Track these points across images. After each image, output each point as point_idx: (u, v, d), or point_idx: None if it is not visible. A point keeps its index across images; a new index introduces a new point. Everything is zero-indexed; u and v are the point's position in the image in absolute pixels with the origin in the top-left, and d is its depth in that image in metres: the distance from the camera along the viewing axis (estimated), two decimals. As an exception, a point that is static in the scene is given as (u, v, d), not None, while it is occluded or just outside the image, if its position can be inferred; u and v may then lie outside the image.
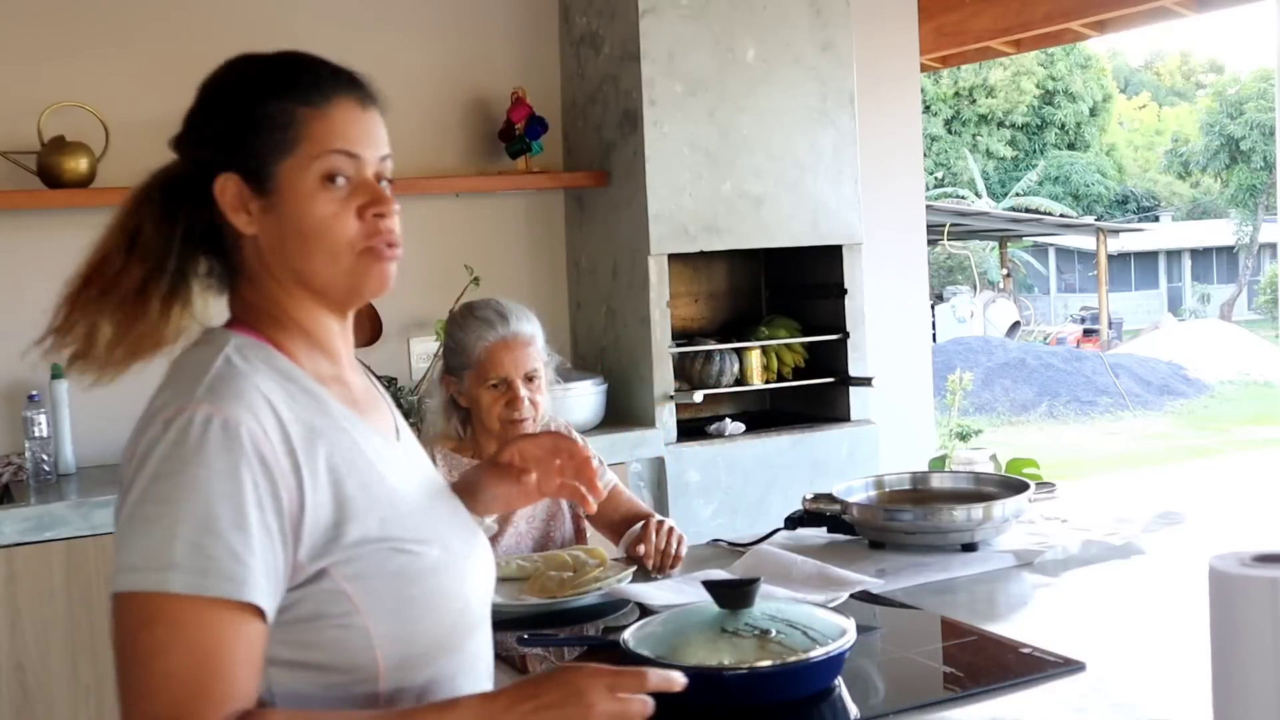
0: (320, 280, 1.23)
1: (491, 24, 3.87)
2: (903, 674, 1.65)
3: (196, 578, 1.07)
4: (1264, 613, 1.14)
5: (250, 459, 1.11)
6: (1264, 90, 23.25)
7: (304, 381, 1.22)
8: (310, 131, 1.22)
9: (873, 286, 3.94)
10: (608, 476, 2.47)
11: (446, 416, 2.40)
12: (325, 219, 1.22)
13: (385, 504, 1.20)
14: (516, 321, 2.34)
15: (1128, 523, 2.36)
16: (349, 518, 1.16)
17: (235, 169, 1.21)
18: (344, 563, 1.15)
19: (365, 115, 1.29)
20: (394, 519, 1.20)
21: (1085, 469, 9.54)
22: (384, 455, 1.25)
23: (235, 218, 1.21)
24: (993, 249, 22.17)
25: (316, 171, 1.21)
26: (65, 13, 3.38)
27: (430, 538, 1.22)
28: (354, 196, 1.24)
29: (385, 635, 1.16)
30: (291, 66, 1.25)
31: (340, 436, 1.20)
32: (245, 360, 1.19)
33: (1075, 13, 5.14)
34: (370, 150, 1.27)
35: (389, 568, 1.17)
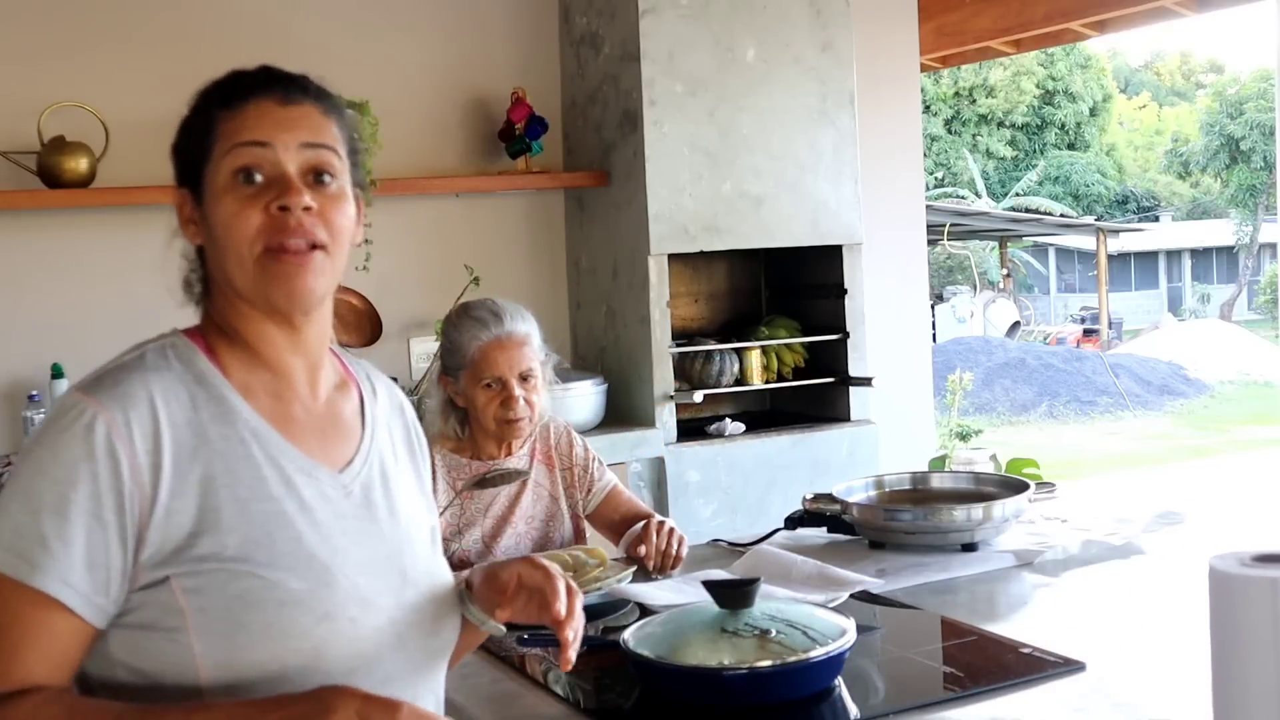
0: (238, 287, 1.21)
1: (491, 24, 3.87)
2: (903, 674, 1.65)
3: (6, 555, 1.09)
4: (1264, 613, 1.14)
5: (97, 453, 1.11)
6: (1264, 90, 23.24)
7: (220, 389, 1.20)
8: (223, 131, 1.20)
9: (873, 286, 3.94)
10: (607, 477, 2.47)
11: (444, 417, 2.40)
12: (228, 217, 1.18)
13: (258, 525, 1.15)
14: (511, 321, 2.34)
15: (1128, 523, 2.36)
16: (207, 530, 1.13)
17: (185, 184, 1.24)
18: (187, 575, 1.12)
19: (286, 109, 1.22)
20: (262, 541, 1.15)
21: (1085, 469, 9.54)
22: (293, 479, 1.20)
23: (185, 230, 1.24)
24: (993, 249, 22.17)
25: (226, 168, 1.19)
26: (65, 13, 3.38)
27: (303, 570, 1.16)
28: (263, 194, 1.19)
29: (210, 658, 1.12)
30: (221, 78, 1.25)
31: (234, 448, 1.17)
32: (161, 359, 1.19)
33: (1075, 13, 5.14)
34: (288, 138, 1.20)
35: (231, 589, 1.12)
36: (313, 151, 1.22)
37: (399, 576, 1.25)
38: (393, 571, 1.24)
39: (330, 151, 1.23)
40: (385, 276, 3.64)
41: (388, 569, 1.24)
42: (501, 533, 2.36)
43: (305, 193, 1.19)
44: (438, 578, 1.32)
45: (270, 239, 1.18)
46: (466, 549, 2.34)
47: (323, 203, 1.21)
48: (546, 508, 2.42)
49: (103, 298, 3.28)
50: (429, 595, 1.28)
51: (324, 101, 1.28)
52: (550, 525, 2.42)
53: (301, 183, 1.20)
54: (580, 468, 2.44)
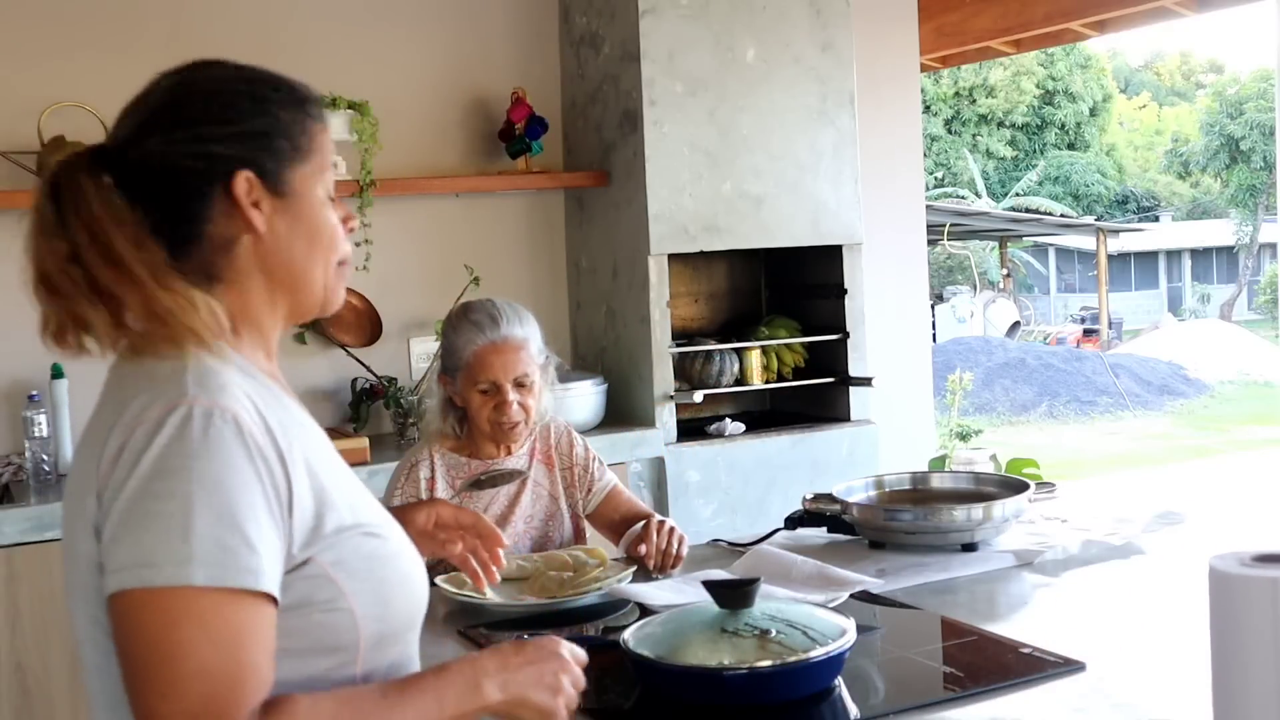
0: (311, 284, 1.28)
1: (491, 24, 3.87)
2: (903, 674, 1.65)
3: (218, 570, 1.07)
4: (1264, 613, 1.14)
5: (253, 450, 1.12)
6: (1264, 90, 23.25)
7: (261, 378, 1.23)
8: (320, 144, 1.29)
9: (873, 286, 3.94)
10: (607, 477, 2.47)
11: (443, 415, 2.41)
12: (333, 226, 1.29)
13: (350, 492, 1.24)
14: (507, 325, 2.34)
15: (1128, 523, 2.36)
16: (327, 507, 1.18)
17: (253, 168, 1.23)
18: (326, 549, 1.17)
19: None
20: (359, 506, 1.23)
21: (1085, 469, 9.54)
22: (330, 450, 1.28)
23: (253, 214, 1.23)
24: (993, 249, 22.18)
25: (326, 183, 1.29)
26: (65, 13, 3.38)
27: (388, 525, 1.27)
28: (336, 209, 1.31)
29: (368, 616, 1.19)
30: (298, 83, 1.31)
31: (301, 430, 1.22)
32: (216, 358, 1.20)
33: (1075, 13, 5.14)
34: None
35: (364, 552, 1.20)
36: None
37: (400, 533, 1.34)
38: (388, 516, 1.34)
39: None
40: (385, 276, 3.64)
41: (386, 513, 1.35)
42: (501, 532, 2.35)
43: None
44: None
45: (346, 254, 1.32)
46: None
47: None
48: (546, 507, 2.42)
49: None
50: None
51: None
52: (550, 525, 2.42)
53: None
54: (580, 467, 2.44)
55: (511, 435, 2.36)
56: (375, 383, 3.56)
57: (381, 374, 3.58)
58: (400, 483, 2.37)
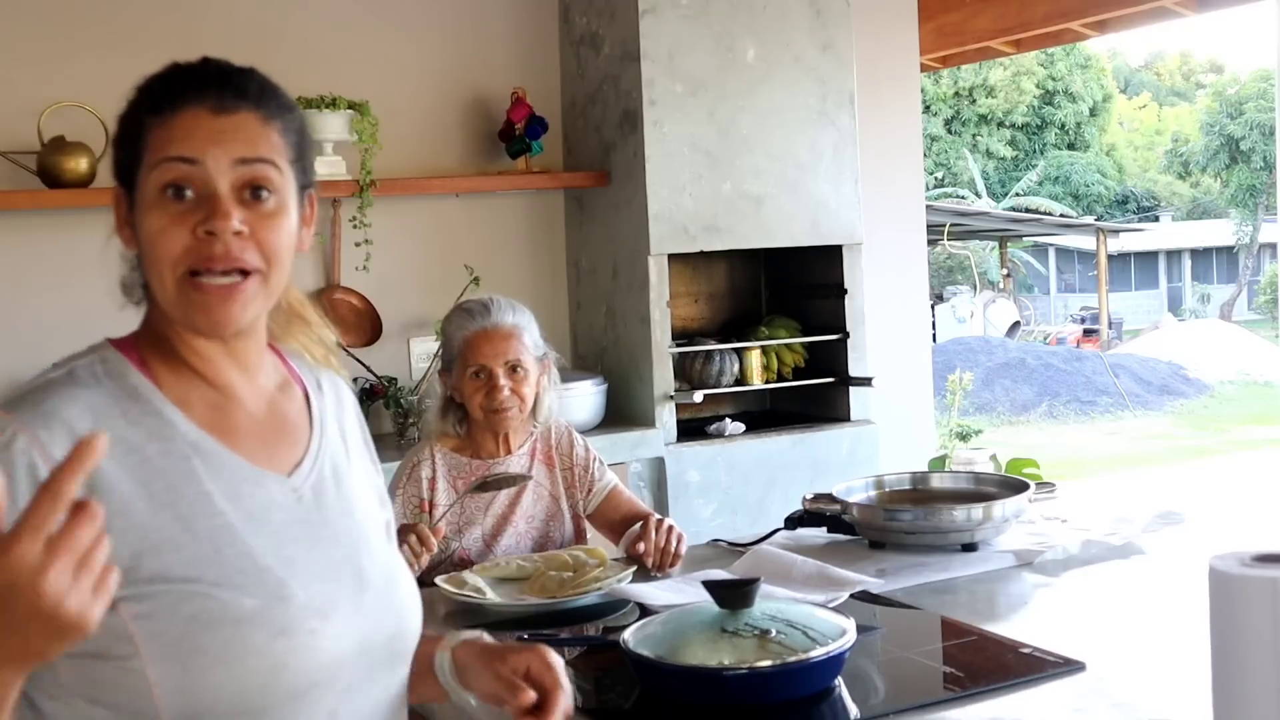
0: (163, 304, 1.17)
1: (491, 24, 3.87)
2: (903, 674, 1.65)
3: None
4: (1264, 613, 1.14)
5: (17, 474, 1.04)
6: (1264, 90, 23.25)
7: (154, 403, 1.15)
8: (152, 140, 1.14)
9: (873, 286, 3.94)
10: (608, 477, 2.47)
11: (444, 414, 2.41)
12: (153, 234, 1.13)
13: (205, 541, 1.11)
14: (498, 313, 2.36)
15: (1128, 523, 2.36)
16: (151, 550, 1.08)
17: (121, 182, 1.18)
18: (134, 599, 1.06)
19: (219, 119, 1.15)
20: (210, 559, 1.10)
21: (1085, 469, 9.54)
22: (238, 489, 1.15)
23: (120, 233, 1.19)
24: (993, 249, 22.17)
25: (154, 183, 1.13)
26: (65, 13, 3.38)
27: (255, 586, 1.11)
28: (192, 213, 1.13)
29: (166, 685, 1.06)
30: (153, 77, 1.18)
31: (174, 464, 1.12)
32: (91, 374, 1.15)
33: (1075, 13, 5.14)
34: (220, 154, 1.14)
35: (183, 611, 1.07)
36: (247, 168, 1.15)
37: (356, 580, 1.20)
38: (349, 575, 1.20)
39: (267, 165, 1.16)
40: (385, 276, 3.64)
41: (343, 572, 1.19)
42: (502, 532, 2.36)
43: (235, 215, 1.13)
44: (395, 575, 1.28)
45: (195, 263, 1.13)
46: (466, 548, 2.34)
47: (256, 223, 1.15)
48: (547, 508, 2.42)
49: (103, 298, 3.27)
50: (387, 595, 1.24)
51: (264, 105, 1.18)
52: (550, 525, 2.42)
53: (235, 200, 1.14)
54: (581, 468, 2.44)
55: (504, 423, 2.36)
56: (375, 383, 3.56)
57: (381, 374, 3.58)
58: (402, 483, 2.37)
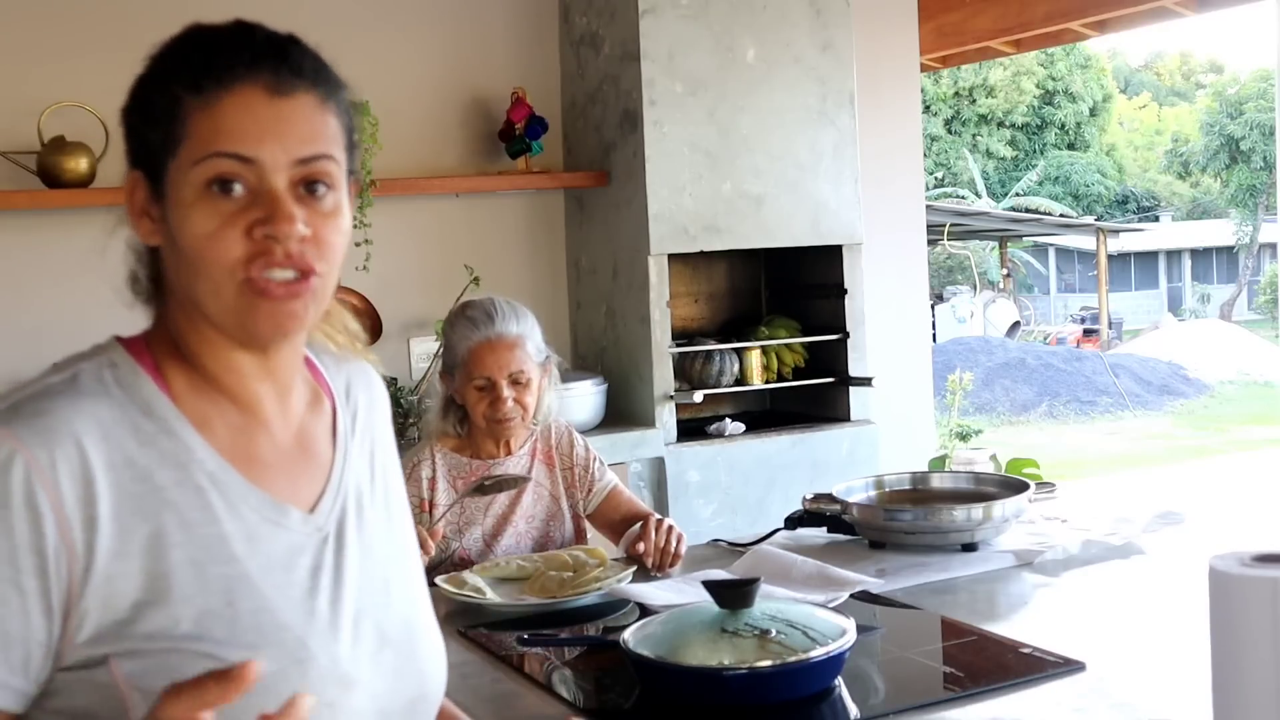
0: (209, 312, 1.00)
1: (491, 24, 3.87)
2: (903, 674, 1.65)
3: None
4: (1264, 613, 1.14)
5: (14, 502, 0.91)
6: (1264, 90, 23.25)
7: (170, 422, 1.00)
8: (194, 128, 0.98)
9: (873, 286, 3.94)
10: (608, 477, 2.47)
11: (444, 414, 2.41)
12: (201, 238, 0.97)
13: (217, 593, 0.96)
14: (503, 322, 2.34)
15: (1128, 523, 2.36)
16: (156, 601, 0.94)
17: (140, 166, 1.02)
18: (129, 655, 0.93)
19: (276, 104, 0.99)
20: (221, 614, 0.96)
21: (1085, 469, 9.54)
22: (256, 531, 1.00)
23: (138, 224, 1.03)
24: (993, 249, 22.17)
25: (198, 178, 0.97)
26: (65, 13, 3.38)
27: (271, 647, 0.97)
28: (247, 211, 0.98)
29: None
30: (186, 43, 1.03)
31: (188, 497, 0.98)
32: (98, 382, 1.00)
33: (1075, 13, 5.14)
34: (278, 150, 0.98)
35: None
36: (307, 167, 1.00)
37: (377, 638, 1.06)
38: (369, 632, 1.06)
39: (328, 161, 1.01)
40: (385, 276, 3.64)
41: (365, 631, 1.05)
42: (502, 532, 2.36)
43: (299, 217, 0.98)
44: (416, 625, 1.13)
45: (256, 270, 0.98)
46: (467, 548, 2.34)
47: (317, 223, 1.00)
48: (547, 507, 2.42)
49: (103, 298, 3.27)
50: (408, 652, 1.10)
51: (322, 83, 1.03)
52: (551, 525, 2.42)
53: (293, 196, 0.99)
54: (581, 467, 2.44)
55: (506, 431, 2.36)
56: (375, 383, 3.55)
57: (381, 374, 3.58)
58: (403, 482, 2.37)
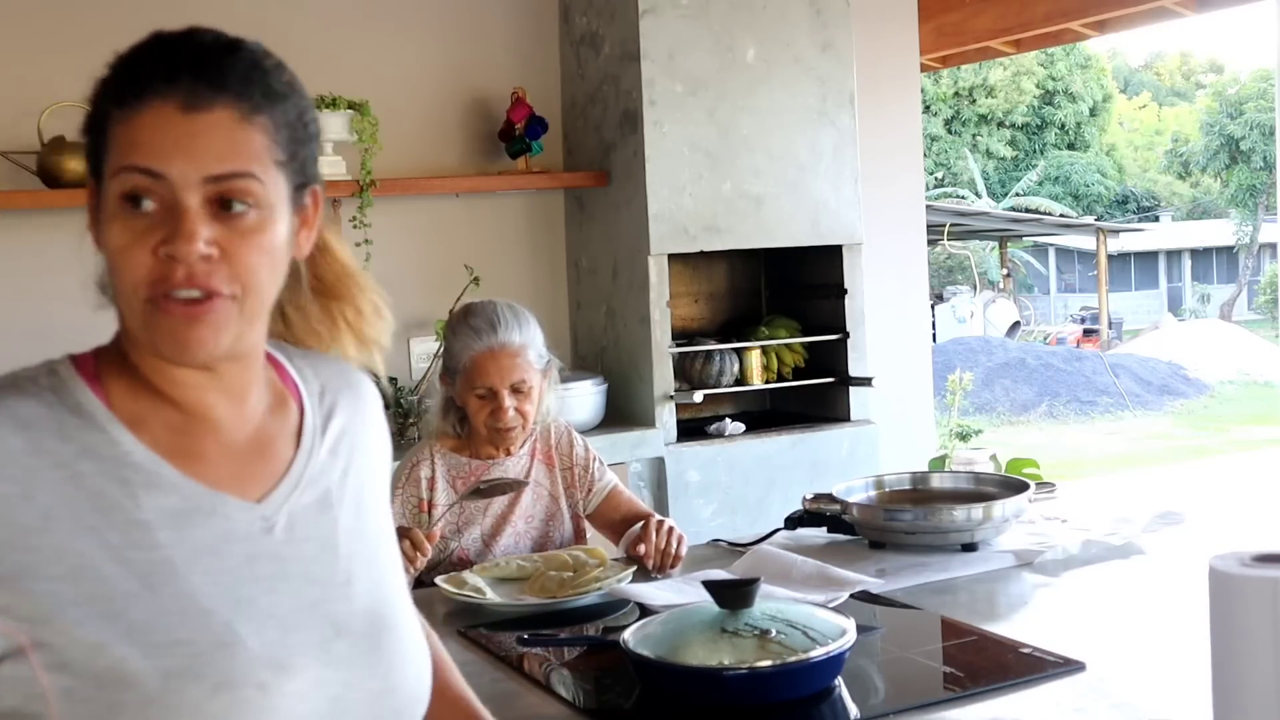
0: (128, 326, 1.01)
1: (491, 24, 3.87)
2: (903, 674, 1.65)
3: None
4: (1264, 613, 1.14)
5: None
6: (1264, 90, 23.25)
7: (97, 418, 0.99)
8: (114, 139, 0.98)
9: (873, 286, 3.94)
10: (608, 477, 2.47)
11: (444, 414, 2.41)
12: (115, 252, 0.97)
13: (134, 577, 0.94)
14: (505, 331, 2.34)
15: (1128, 523, 2.36)
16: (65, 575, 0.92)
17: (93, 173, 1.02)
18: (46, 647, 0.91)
19: (189, 120, 0.97)
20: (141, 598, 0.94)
21: (1085, 469, 9.54)
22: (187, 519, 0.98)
23: (91, 231, 1.02)
24: (993, 249, 22.18)
25: (114, 189, 0.97)
26: (65, 13, 3.38)
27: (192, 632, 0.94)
28: (155, 229, 0.96)
29: None
30: (123, 55, 1.03)
31: (108, 487, 0.96)
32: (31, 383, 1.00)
33: (1075, 13, 5.14)
34: (188, 167, 0.96)
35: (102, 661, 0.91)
36: (218, 185, 0.97)
37: (328, 626, 1.02)
38: (319, 621, 1.02)
39: (246, 179, 0.98)
40: (385, 276, 3.59)
41: (312, 620, 1.02)
42: (501, 532, 2.36)
43: (201, 235, 0.96)
44: (388, 623, 1.08)
45: (155, 288, 0.96)
46: (466, 548, 2.34)
47: (230, 241, 0.97)
48: (546, 507, 2.42)
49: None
50: (368, 644, 1.05)
51: (247, 97, 1.00)
52: (550, 525, 2.42)
53: (206, 215, 0.96)
54: (580, 467, 2.44)
55: (507, 439, 2.36)
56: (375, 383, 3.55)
57: (381, 378, 3.58)
58: (401, 483, 2.37)
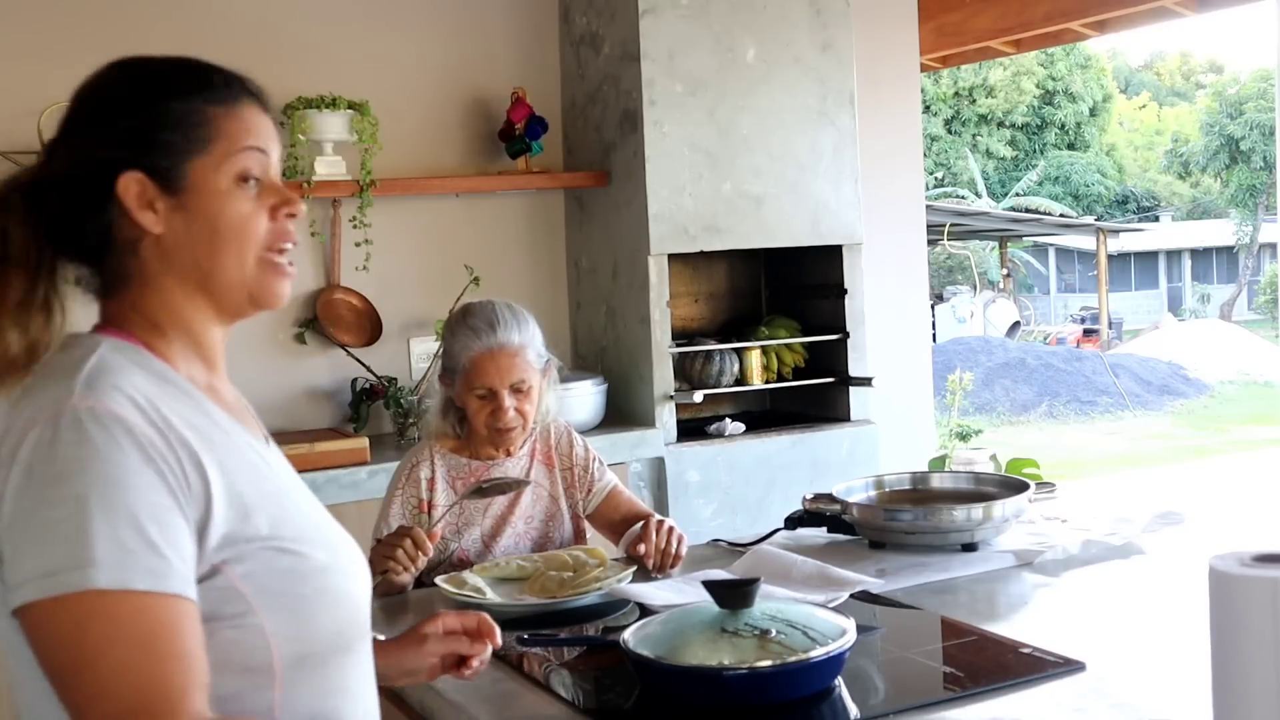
0: (225, 282, 1.22)
1: (491, 24, 3.87)
2: (903, 674, 1.65)
3: (120, 572, 1.03)
4: (1264, 613, 1.14)
5: (150, 450, 1.09)
6: (1264, 90, 23.25)
7: (181, 384, 1.20)
8: (223, 129, 1.22)
9: (873, 286, 3.94)
10: (607, 477, 2.47)
11: (444, 414, 2.41)
12: (241, 217, 1.22)
13: (274, 503, 1.18)
14: (505, 331, 2.33)
15: (1128, 523, 2.36)
16: (240, 515, 1.14)
17: (141, 167, 1.19)
18: (236, 560, 1.13)
19: (265, 116, 1.27)
20: (282, 519, 1.18)
21: (1085, 469, 9.54)
22: (265, 456, 1.24)
23: (142, 216, 1.19)
24: (993, 249, 22.18)
25: (231, 169, 1.21)
26: (65, 13, 3.38)
27: (315, 539, 1.21)
28: (264, 196, 1.24)
29: (281, 635, 1.15)
30: (197, 68, 1.25)
31: (224, 437, 1.18)
32: (122, 357, 1.16)
33: (1075, 13, 5.14)
34: (274, 146, 1.27)
35: (279, 566, 1.15)
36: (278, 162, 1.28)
37: (344, 537, 1.29)
38: (341, 533, 1.29)
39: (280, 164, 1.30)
40: (385, 276, 3.64)
41: (339, 531, 1.29)
42: (501, 532, 2.36)
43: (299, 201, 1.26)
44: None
45: (277, 243, 1.24)
46: (466, 548, 2.34)
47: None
48: (546, 508, 2.42)
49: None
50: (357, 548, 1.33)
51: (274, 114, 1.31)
52: (550, 525, 2.41)
53: None
54: (580, 468, 2.44)
55: (507, 440, 2.36)
56: (375, 383, 3.56)
57: (381, 374, 3.58)
58: (401, 483, 2.37)
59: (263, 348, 3.50)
